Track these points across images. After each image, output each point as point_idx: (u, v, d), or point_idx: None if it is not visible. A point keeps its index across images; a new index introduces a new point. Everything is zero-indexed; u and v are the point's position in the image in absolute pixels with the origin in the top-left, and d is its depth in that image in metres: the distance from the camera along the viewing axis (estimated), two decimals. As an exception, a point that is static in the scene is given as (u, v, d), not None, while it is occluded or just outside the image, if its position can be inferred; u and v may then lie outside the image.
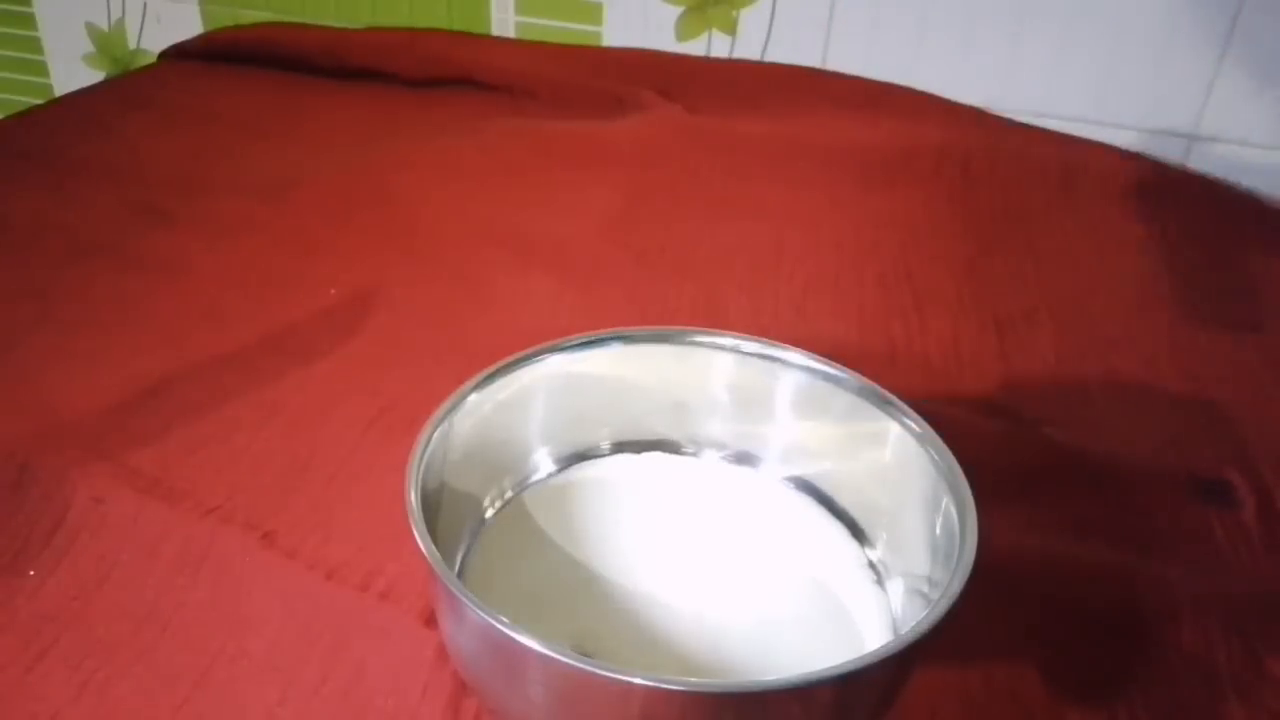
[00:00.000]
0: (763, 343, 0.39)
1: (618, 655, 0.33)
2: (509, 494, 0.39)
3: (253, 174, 0.72)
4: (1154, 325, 0.58)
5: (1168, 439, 0.49)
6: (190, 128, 0.81)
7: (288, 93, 0.89)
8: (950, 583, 0.29)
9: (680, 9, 0.89)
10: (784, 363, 0.39)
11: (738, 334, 0.39)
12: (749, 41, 0.89)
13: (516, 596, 0.35)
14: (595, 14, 0.91)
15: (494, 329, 0.55)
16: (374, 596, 0.39)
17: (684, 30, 0.90)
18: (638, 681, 0.26)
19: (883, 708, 0.30)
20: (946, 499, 0.33)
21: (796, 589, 0.36)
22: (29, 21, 1.13)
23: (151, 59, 1.02)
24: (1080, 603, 0.39)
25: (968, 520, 0.31)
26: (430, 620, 0.37)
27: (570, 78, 0.87)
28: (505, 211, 0.68)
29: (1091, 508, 0.44)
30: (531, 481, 0.39)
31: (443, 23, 0.96)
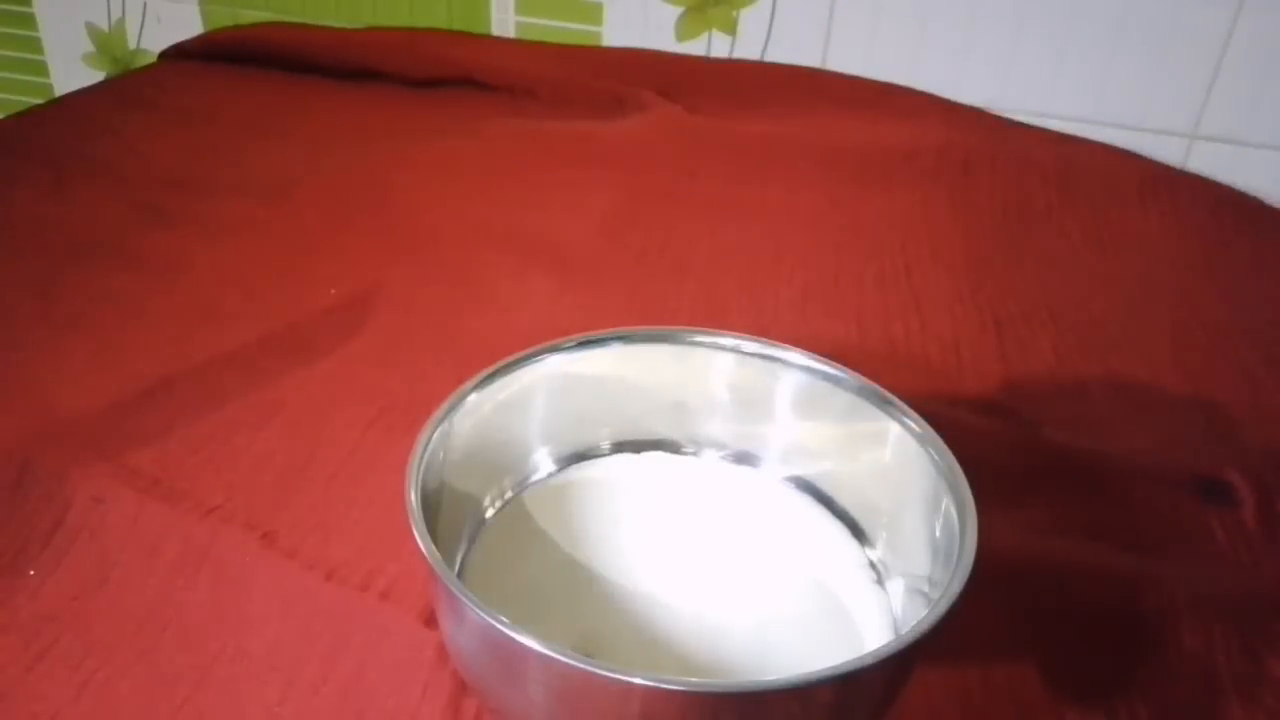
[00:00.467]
0: (763, 343, 0.39)
1: (618, 655, 0.33)
2: (509, 494, 0.39)
3: (253, 174, 0.72)
4: (1154, 325, 0.58)
5: (1168, 439, 0.49)
6: (190, 128, 0.81)
7: (288, 93, 0.89)
8: (950, 583, 0.29)
9: (680, 9, 0.89)
10: (784, 363, 0.39)
11: (738, 334, 0.39)
12: (749, 41, 0.89)
13: (516, 596, 0.35)
14: (595, 14, 0.91)
15: (494, 329, 0.55)
16: (374, 596, 0.39)
17: (684, 30, 0.90)
18: (638, 681, 0.26)
19: (883, 707, 0.30)
20: (946, 499, 0.33)
21: (796, 589, 0.36)
22: (29, 21, 1.13)
23: (151, 59, 1.02)
24: (1080, 603, 0.39)
25: (967, 520, 0.31)
26: (430, 620, 0.37)
27: (570, 78, 0.87)
28: (505, 211, 0.68)
29: (1091, 508, 0.44)
30: (531, 481, 0.39)
31: (443, 23, 0.96)
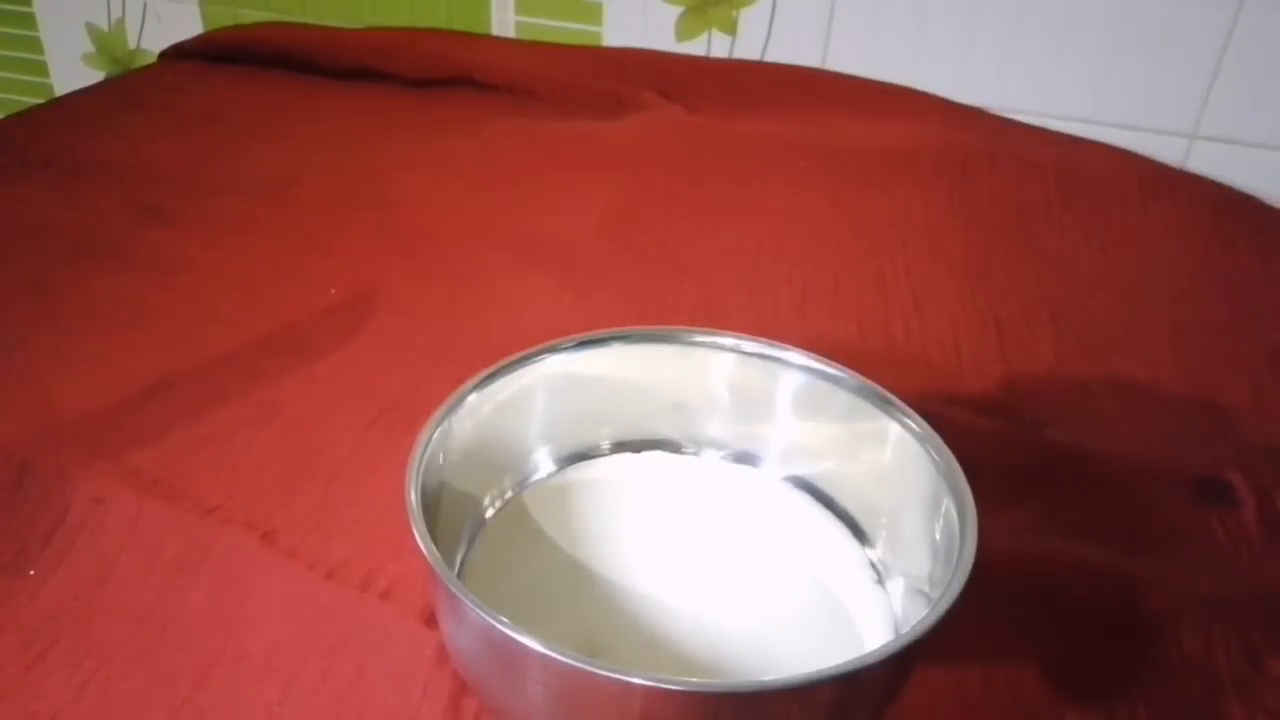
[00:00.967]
0: (763, 343, 0.39)
1: (618, 655, 0.33)
2: (509, 494, 0.39)
3: (253, 174, 0.72)
4: (1154, 325, 0.58)
5: (1168, 439, 0.49)
6: (190, 128, 0.81)
7: (287, 92, 0.89)
8: (950, 582, 0.29)
9: (680, 9, 0.89)
10: (784, 363, 0.39)
11: (738, 334, 0.39)
12: (749, 41, 0.89)
13: (516, 596, 0.35)
14: (595, 14, 0.91)
15: (494, 329, 0.55)
16: (374, 596, 0.39)
17: (684, 30, 0.90)
18: (638, 681, 0.26)
19: (883, 707, 0.30)
20: (946, 499, 0.33)
21: (796, 589, 0.36)
22: (29, 21, 1.13)
23: (151, 59, 1.02)
24: (1080, 603, 0.39)
25: (968, 520, 0.31)
26: (430, 620, 0.37)
27: (570, 78, 0.87)
28: (505, 211, 0.68)
29: (1091, 508, 0.44)
30: (531, 481, 0.39)
31: (443, 22, 0.96)
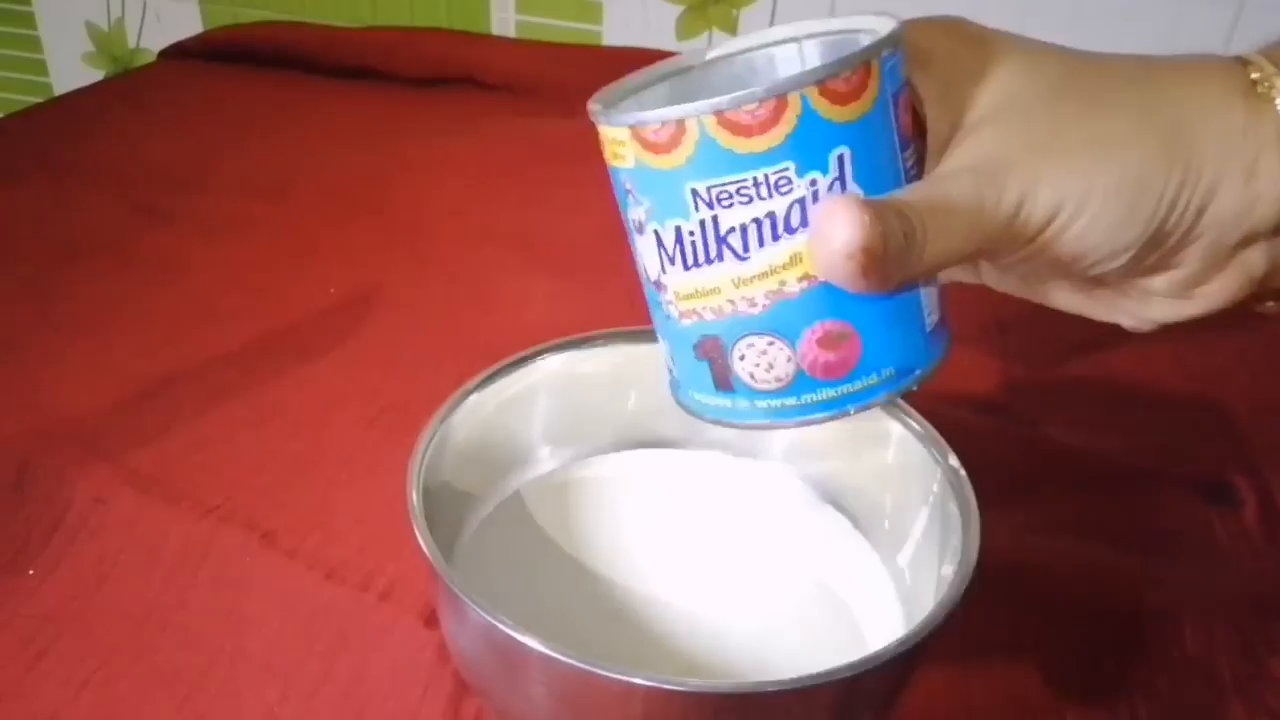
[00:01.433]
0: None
1: (619, 655, 0.33)
2: (509, 493, 0.39)
3: (252, 174, 0.72)
4: (1154, 325, 0.58)
5: (1168, 439, 0.49)
6: (190, 127, 0.81)
7: (288, 92, 0.89)
8: (952, 583, 0.29)
9: (680, 8, 0.89)
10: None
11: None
12: (749, 41, 0.89)
13: (517, 596, 0.35)
14: (595, 13, 0.91)
15: (494, 329, 0.55)
16: (374, 596, 0.39)
17: (684, 30, 0.90)
18: (639, 682, 0.26)
19: (885, 708, 0.30)
20: (949, 499, 0.33)
21: (799, 589, 0.36)
22: (29, 20, 1.13)
23: (151, 58, 1.02)
24: (1081, 603, 0.39)
25: (969, 520, 0.31)
26: (430, 620, 0.37)
27: (570, 77, 0.87)
28: (505, 211, 0.68)
29: (1092, 508, 0.44)
30: (532, 481, 0.39)
31: (443, 22, 0.96)
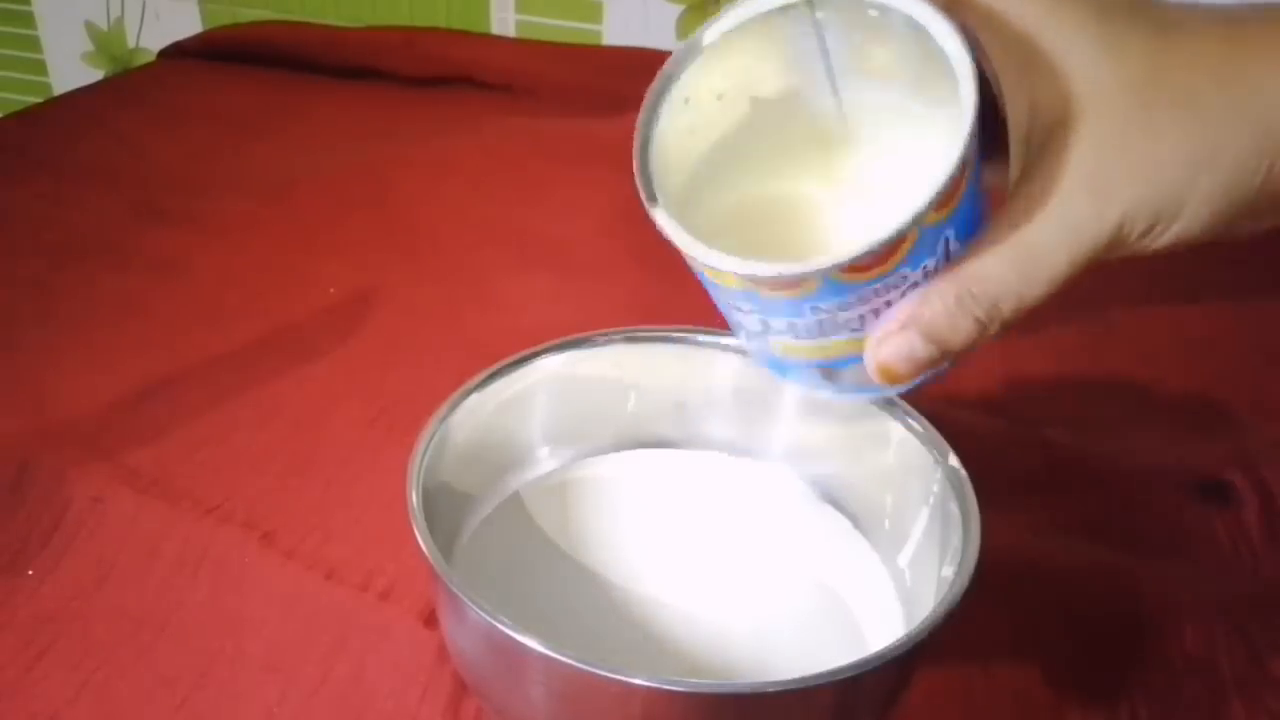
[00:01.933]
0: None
1: (618, 655, 0.33)
2: (509, 493, 0.39)
3: (253, 173, 0.72)
4: (1154, 325, 0.58)
5: (1168, 439, 0.49)
6: (190, 127, 0.81)
7: (287, 91, 0.89)
8: (953, 583, 0.29)
9: (681, 8, 0.89)
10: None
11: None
12: (749, 41, 0.89)
13: (516, 596, 0.35)
14: (595, 13, 0.91)
15: (494, 329, 0.55)
16: (374, 596, 0.39)
17: (684, 29, 0.90)
18: (639, 682, 0.26)
19: (885, 708, 0.30)
20: (949, 499, 0.33)
21: (799, 589, 0.36)
22: (28, 20, 1.12)
23: (151, 58, 1.02)
24: (1081, 603, 0.39)
25: (970, 520, 0.31)
26: (430, 620, 0.37)
27: (570, 77, 0.87)
28: (505, 211, 0.68)
29: (1092, 508, 0.44)
30: (532, 481, 0.39)
31: (442, 21, 0.96)
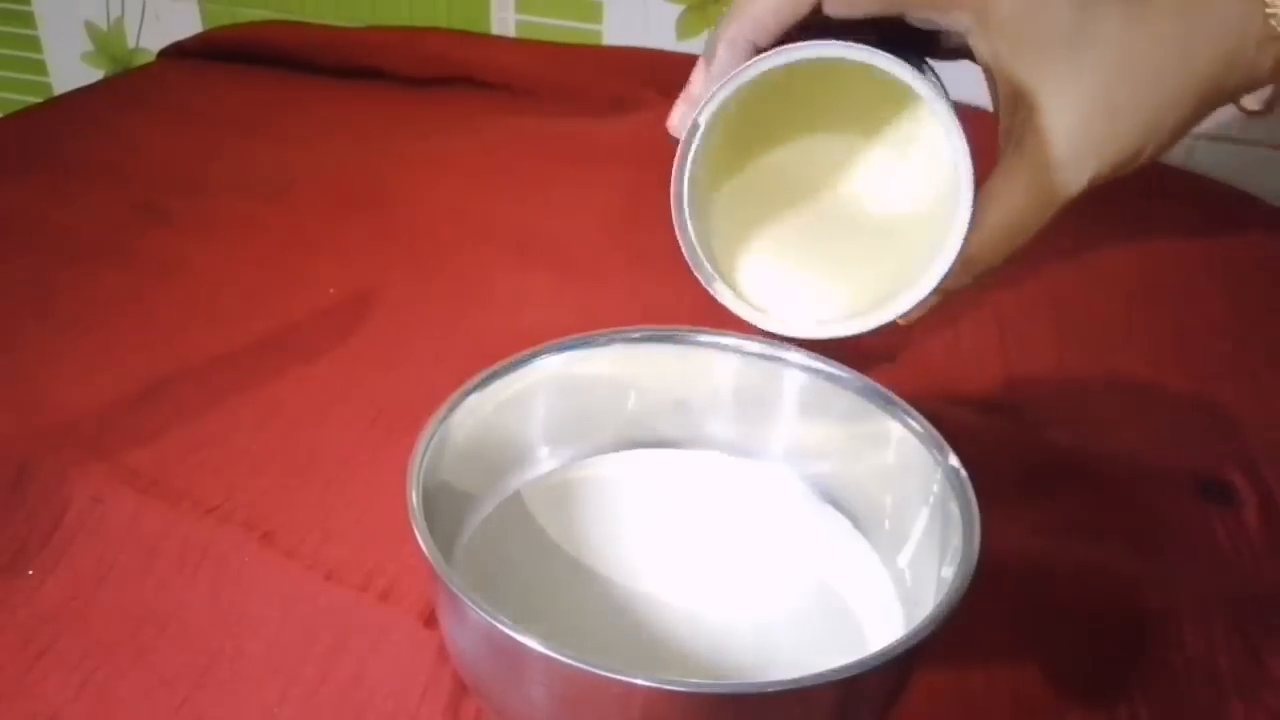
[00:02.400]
0: (765, 342, 0.39)
1: (619, 655, 0.33)
2: (509, 493, 0.39)
3: (252, 173, 0.72)
4: (1155, 325, 0.58)
5: (1168, 439, 0.49)
6: (190, 127, 0.81)
7: (287, 91, 0.89)
8: (953, 583, 0.29)
9: (681, 8, 0.89)
10: (786, 362, 0.39)
11: (740, 334, 0.39)
12: (749, 41, 0.89)
13: (516, 596, 0.35)
14: (595, 13, 0.91)
15: (494, 329, 0.55)
16: (374, 596, 0.39)
17: (684, 29, 0.90)
18: (639, 682, 0.26)
19: (885, 708, 0.30)
20: (949, 499, 0.33)
21: (799, 589, 0.36)
22: (28, 20, 1.12)
23: (150, 58, 1.02)
24: (1081, 603, 0.39)
25: (970, 520, 0.31)
26: (430, 620, 0.37)
27: (570, 77, 0.87)
28: (505, 211, 0.68)
29: (1092, 508, 0.44)
30: (532, 481, 0.39)
31: (442, 21, 0.96)
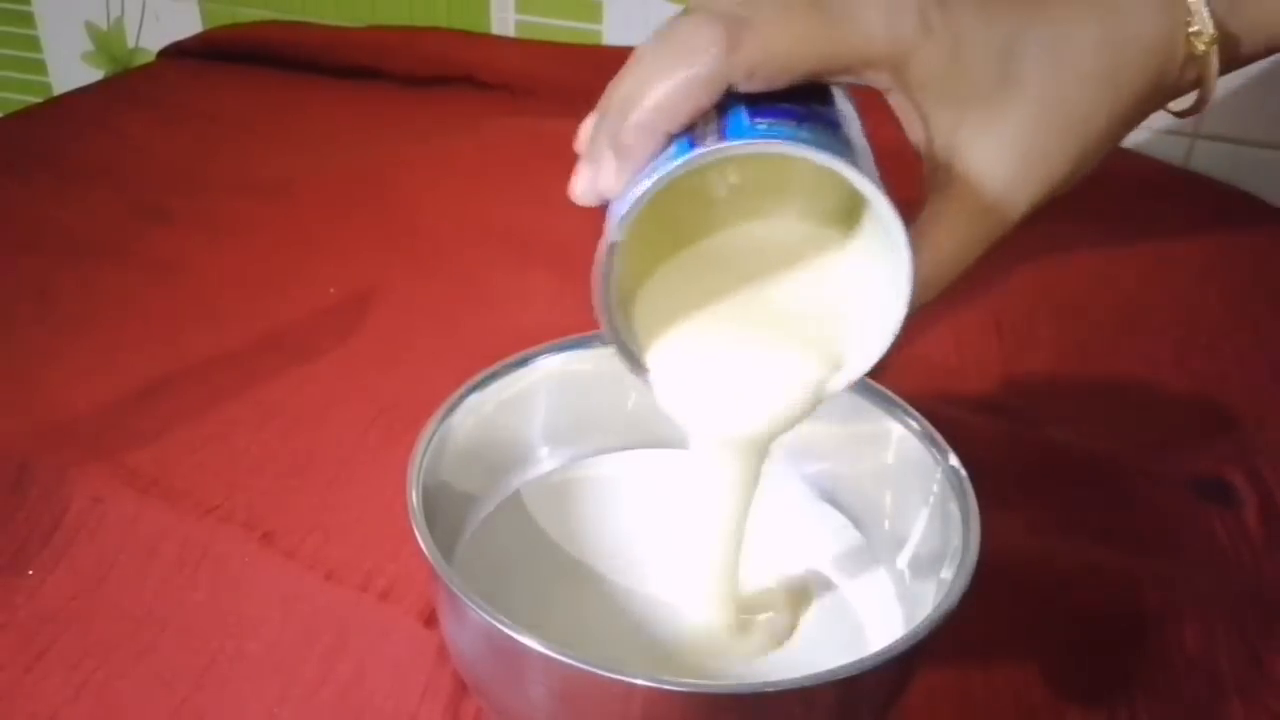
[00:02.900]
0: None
1: (619, 655, 0.33)
2: (509, 493, 0.39)
3: (252, 173, 0.72)
4: (1154, 325, 0.58)
5: (1168, 439, 0.49)
6: (189, 127, 0.81)
7: (287, 91, 0.89)
8: (953, 583, 0.29)
9: (680, 8, 0.89)
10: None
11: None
12: (749, 41, 0.89)
13: (516, 596, 0.35)
14: (595, 13, 0.91)
15: (494, 329, 0.55)
16: (374, 596, 0.39)
17: (684, 29, 0.90)
18: (639, 682, 0.26)
19: (885, 708, 0.30)
20: (949, 499, 0.33)
21: (799, 589, 0.36)
22: (28, 20, 1.12)
23: (150, 58, 1.02)
24: (1081, 603, 0.39)
25: (970, 520, 0.31)
26: (430, 620, 0.37)
27: (570, 77, 0.87)
28: (505, 210, 0.68)
29: (1092, 508, 0.44)
30: (532, 481, 0.39)
31: (442, 21, 0.96)
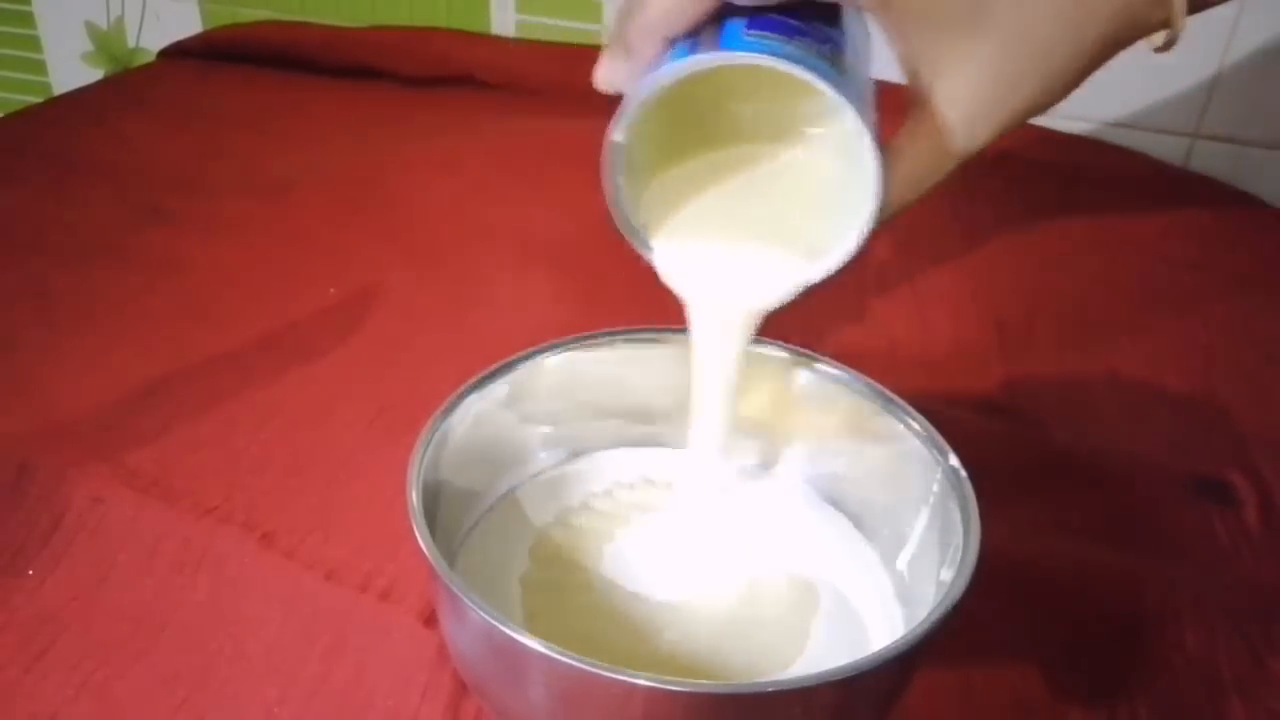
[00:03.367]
0: (765, 343, 0.39)
1: (619, 655, 0.33)
2: (509, 493, 0.39)
3: (252, 173, 0.72)
4: (1154, 325, 0.58)
5: (1168, 439, 0.49)
6: (190, 126, 0.81)
7: (287, 91, 0.89)
8: (953, 583, 0.29)
9: (680, 8, 0.89)
10: (787, 362, 0.39)
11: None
12: (749, 41, 0.89)
13: (516, 596, 0.35)
14: (595, 13, 0.91)
15: (494, 328, 0.55)
16: (374, 596, 0.39)
17: (684, 29, 0.90)
18: (640, 682, 0.26)
19: (886, 708, 0.30)
20: (949, 499, 0.33)
21: (799, 589, 0.36)
22: (28, 20, 1.12)
23: (151, 58, 1.02)
24: (1081, 603, 0.39)
25: (970, 520, 0.31)
26: (430, 620, 0.37)
27: (570, 77, 0.87)
28: (505, 210, 0.68)
29: (1092, 508, 0.44)
30: (531, 480, 0.39)
31: (443, 21, 0.96)
